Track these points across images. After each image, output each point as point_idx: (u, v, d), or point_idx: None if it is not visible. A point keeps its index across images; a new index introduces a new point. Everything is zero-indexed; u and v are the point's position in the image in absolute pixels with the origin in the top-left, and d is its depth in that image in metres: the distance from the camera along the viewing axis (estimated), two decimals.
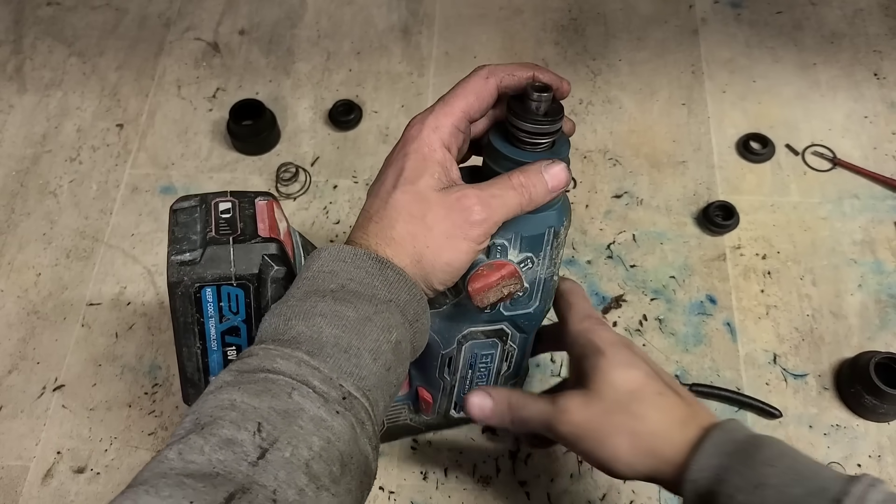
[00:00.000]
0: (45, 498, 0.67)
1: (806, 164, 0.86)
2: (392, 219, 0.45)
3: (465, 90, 0.47)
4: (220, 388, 0.39)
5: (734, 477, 0.42)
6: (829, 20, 0.98)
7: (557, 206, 0.51)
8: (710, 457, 0.43)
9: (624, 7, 1.00)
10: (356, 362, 0.40)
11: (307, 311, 0.41)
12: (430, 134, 0.46)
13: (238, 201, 0.52)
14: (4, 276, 0.79)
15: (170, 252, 0.48)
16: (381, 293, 0.43)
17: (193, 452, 0.35)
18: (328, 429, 0.38)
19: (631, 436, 0.46)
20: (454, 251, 0.45)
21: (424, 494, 0.67)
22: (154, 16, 1.00)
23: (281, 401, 0.37)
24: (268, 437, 0.36)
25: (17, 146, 0.89)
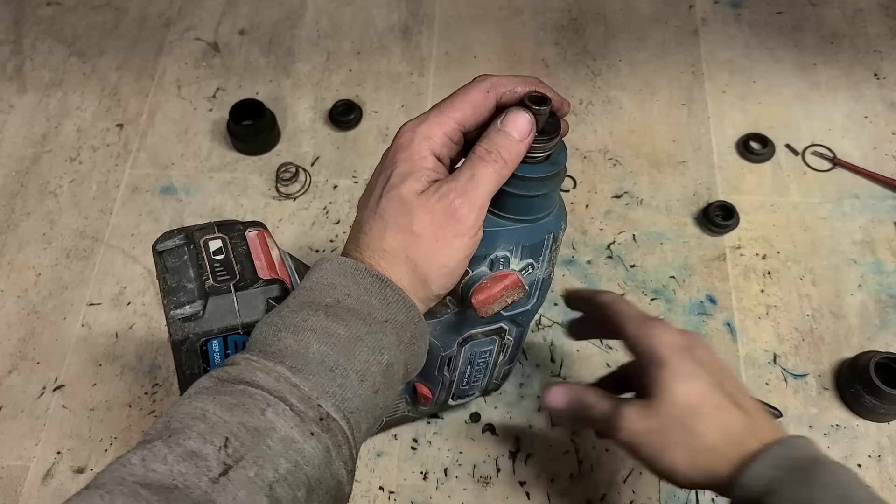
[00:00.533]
0: (45, 498, 0.67)
1: (806, 164, 0.86)
2: (381, 229, 0.44)
3: (462, 101, 0.46)
4: (197, 394, 0.38)
5: (785, 490, 0.42)
6: (829, 20, 0.98)
7: (556, 211, 0.51)
8: (765, 467, 0.43)
9: (624, 7, 1.00)
10: (340, 382, 0.39)
11: (297, 324, 0.40)
12: (421, 143, 0.45)
13: (228, 237, 0.50)
14: (4, 276, 0.79)
15: (167, 305, 0.46)
16: (377, 313, 0.42)
17: (156, 461, 0.34)
18: (298, 451, 0.36)
19: (688, 452, 0.46)
20: (447, 250, 0.44)
21: (424, 494, 0.67)
22: (154, 16, 1.00)
23: (253, 417, 0.36)
24: (234, 454, 0.35)
25: (17, 146, 0.89)
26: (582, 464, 0.68)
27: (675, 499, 0.67)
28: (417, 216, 0.43)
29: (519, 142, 0.45)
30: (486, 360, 0.60)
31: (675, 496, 0.67)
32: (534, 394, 0.72)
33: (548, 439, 0.70)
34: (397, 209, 0.44)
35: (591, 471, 0.68)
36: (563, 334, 0.75)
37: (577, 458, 0.69)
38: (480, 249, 0.48)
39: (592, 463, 0.69)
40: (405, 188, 0.44)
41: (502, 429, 0.70)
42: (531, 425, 0.70)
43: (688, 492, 0.67)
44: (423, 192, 0.44)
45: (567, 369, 0.73)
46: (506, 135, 0.44)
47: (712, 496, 0.67)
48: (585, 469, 0.68)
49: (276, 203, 0.84)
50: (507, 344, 0.59)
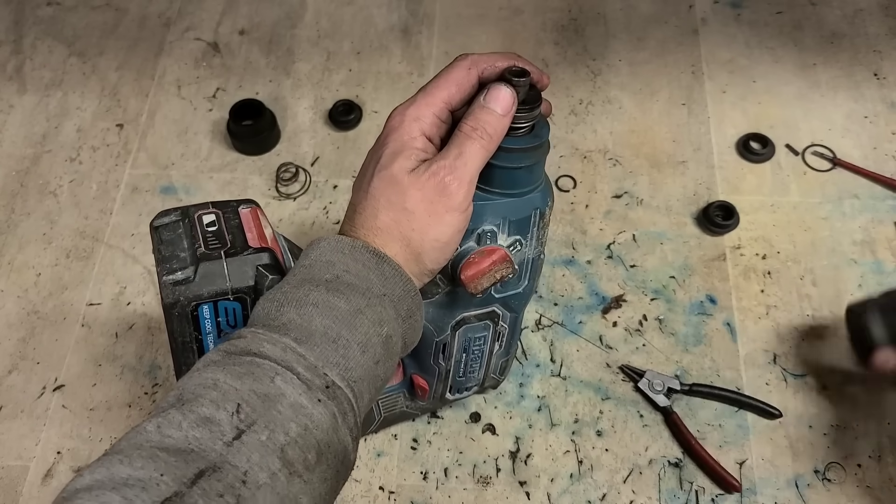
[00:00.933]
0: (45, 498, 0.67)
1: (806, 164, 0.86)
2: (374, 208, 0.46)
3: (446, 80, 0.47)
4: (206, 367, 0.39)
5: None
6: (829, 20, 0.98)
7: (541, 188, 0.52)
8: None
9: (624, 7, 1.00)
10: (344, 353, 0.41)
11: (300, 299, 0.42)
12: (411, 124, 0.46)
13: (221, 212, 0.51)
14: (4, 276, 0.79)
15: (160, 272, 0.47)
16: (375, 287, 0.44)
17: (171, 427, 0.35)
18: (307, 416, 0.38)
19: None
20: (440, 226, 0.45)
21: (424, 494, 0.67)
22: (154, 16, 1.00)
23: (263, 384, 0.38)
24: (246, 419, 0.36)
25: (17, 146, 0.89)
26: (582, 464, 0.68)
27: (674, 499, 0.67)
28: (409, 193, 0.45)
29: (502, 116, 0.46)
30: (481, 347, 0.60)
31: (675, 496, 0.67)
32: (534, 394, 0.72)
33: (548, 439, 0.70)
34: (388, 187, 0.45)
35: (591, 471, 0.68)
36: (562, 333, 0.75)
37: (577, 459, 0.69)
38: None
39: (592, 463, 0.69)
40: (396, 167, 0.45)
41: (502, 429, 0.70)
42: (531, 425, 0.70)
43: (687, 492, 0.67)
44: (413, 170, 0.45)
45: (567, 369, 0.73)
46: (489, 111, 0.46)
47: (712, 496, 0.67)
48: (585, 469, 0.68)
49: (277, 203, 0.84)
50: (502, 331, 0.59)
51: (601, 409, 0.71)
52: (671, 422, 0.70)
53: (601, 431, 0.70)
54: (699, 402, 0.72)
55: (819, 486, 0.67)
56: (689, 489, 0.67)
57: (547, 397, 0.72)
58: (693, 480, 0.68)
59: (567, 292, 0.78)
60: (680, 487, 0.67)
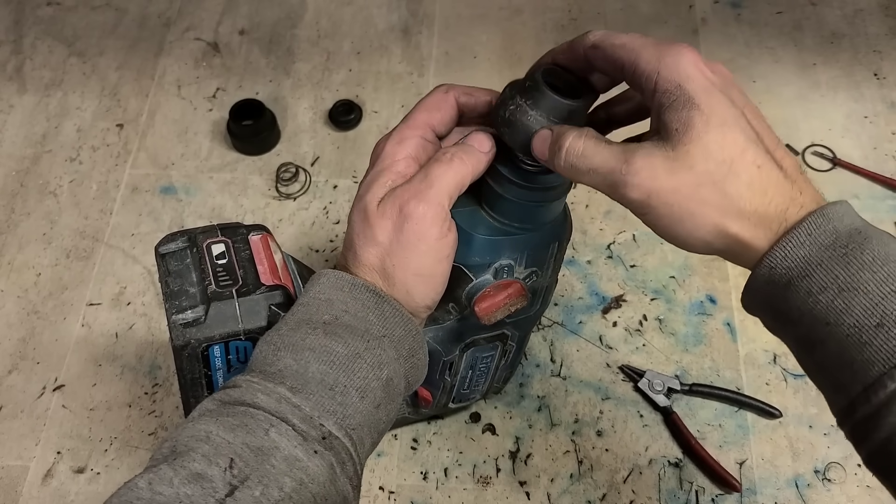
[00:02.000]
0: (45, 498, 0.67)
1: (806, 164, 0.86)
2: (355, 244, 0.44)
3: (424, 105, 0.46)
4: (200, 416, 0.38)
5: (821, 274, 0.36)
6: (829, 20, 0.98)
7: (561, 219, 0.50)
8: (799, 246, 0.37)
9: (624, 7, 1.00)
10: (341, 400, 0.39)
11: (296, 343, 0.40)
12: (394, 146, 0.45)
13: (231, 241, 0.50)
14: (4, 276, 0.79)
15: (169, 310, 0.46)
16: (374, 328, 0.42)
17: (163, 484, 0.34)
18: (302, 469, 0.37)
19: (719, 217, 0.38)
20: (415, 256, 0.43)
21: (424, 494, 0.67)
22: (154, 16, 1.00)
23: (256, 437, 0.36)
24: (239, 474, 0.35)
25: (17, 146, 0.89)
26: (582, 464, 0.68)
27: (674, 499, 0.67)
28: (377, 224, 0.43)
29: (478, 151, 0.45)
30: (488, 364, 0.60)
31: (675, 496, 0.67)
32: (534, 394, 0.72)
33: (548, 439, 0.70)
34: (361, 221, 0.44)
35: (591, 471, 0.68)
36: (562, 333, 0.75)
37: (577, 458, 0.69)
38: (485, 257, 0.48)
39: (592, 463, 0.69)
40: (368, 197, 0.44)
41: (502, 429, 0.70)
42: (531, 425, 0.70)
43: (687, 492, 0.67)
44: (380, 200, 0.44)
45: (567, 369, 0.73)
46: (465, 145, 0.45)
47: (712, 496, 0.67)
48: (585, 469, 0.68)
49: (277, 203, 0.84)
50: (509, 349, 0.59)
51: (601, 409, 0.71)
52: (671, 422, 0.70)
53: (601, 431, 0.70)
54: (699, 402, 0.72)
55: (819, 486, 0.67)
56: (689, 489, 0.67)
57: (547, 397, 0.72)
58: (693, 480, 0.68)
59: (567, 292, 0.78)
60: (680, 487, 0.67)
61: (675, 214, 0.38)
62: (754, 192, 0.38)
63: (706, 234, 0.39)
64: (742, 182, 0.37)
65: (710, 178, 0.37)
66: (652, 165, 0.38)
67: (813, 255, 0.36)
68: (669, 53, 0.38)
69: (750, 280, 0.39)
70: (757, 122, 0.39)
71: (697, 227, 0.39)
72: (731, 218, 0.38)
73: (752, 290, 0.40)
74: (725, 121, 0.38)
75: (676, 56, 0.38)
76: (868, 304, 0.34)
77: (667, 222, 0.39)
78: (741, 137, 0.38)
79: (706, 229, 0.38)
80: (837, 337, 0.35)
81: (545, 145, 0.42)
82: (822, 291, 0.36)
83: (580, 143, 0.40)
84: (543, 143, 0.42)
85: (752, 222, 0.38)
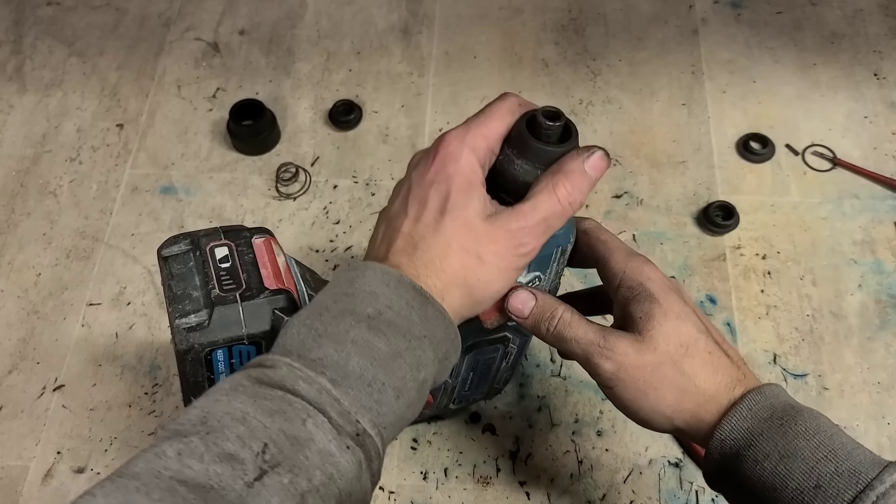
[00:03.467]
0: (45, 498, 0.67)
1: (806, 164, 0.86)
2: (443, 250, 0.43)
3: (501, 112, 0.45)
4: (234, 391, 0.37)
5: (764, 443, 0.42)
6: (829, 20, 0.98)
7: (567, 226, 0.50)
8: (743, 419, 0.43)
9: (624, 7, 1.00)
10: (378, 398, 0.39)
11: (340, 334, 0.40)
12: (470, 155, 0.44)
13: (234, 244, 0.49)
14: (4, 276, 0.79)
15: (172, 314, 0.46)
16: (416, 328, 0.42)
17: (193, 458, 0.34)
18: (334, 465, 0.37)
19: (678, 392, 0.45)
20: (504, 281, 0.45)
21: (424, 494, 0.67)
22: (154, 16, 1.00)
23: (294, 426, 0.36)
24: (271, 460, 0.35)
25: (17, 146, 0.89)
26: (582, 464, 0.68)
27: (675, 499, 0.67)
28: (484, 244, 0.43)
29: (593, 184, 0.45)
30: (489, 366, 0.60)
31: (675, 496, 0.67)
32: (534, 394, 0.72)
33: (548, 439, 0.70)
34: (463, 233, 0.43)
35: (591, 471, 0.68)
36: None
37: (577, 458, 0.69)
38: None
39: (592, 463, 0.69)
40: (471, 211, 0.43)
41: (502, 429, 0.70)
42: (531, 425, 0.71)
43: (687, 492, 0.67)
44: (488, 217, 0.44)
45: (567, 369, 0.73)
46: (588, 177, 0.44)
47: (712, 496, 0.67)
48: (585, 469, 0.68)
49: (276, 203, 0.84)
50: (511, 352, 0.59)
51: (601, 409, 0.71)
52: None
53: (601, 431, 0.70)
54: None
55: None
56: (689, 489, 0.67)
57: (547, 397, 0.72)
58: (693, 480, 0.68)
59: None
60: (680, 487, 0.67)
61: (640, 388, 0.45)
62: (707, 372, 0.45)
63: (666, 407, 0.45)
64: (696, 363, 0.45)
65: (670, 359, 0.45)
66: (623, 344, 0.46)
67: (755, 427, 0.43)
68: (635, 259, 0.49)
69: (706, 455, 0.45)
70: (704, 319, 0.48)
71: (659, 401, 0.45)
72: (688, 394, 0.45)
73: (710, 463, 0.45)
74: (680, 314, 0.46)
75: (641, 262, 0.48)
76: (806, 468, 0.40)
77: (633, 394, 0.46)
78: (694, 329, 0.46)
79: (666, 402, 0.45)
80: (784, 500, 0.41)
81: (525, 307, 0.48)
82: (765, 459, 0.42)
83: (569, 315, 0.48)
84: (523, 304, 0.48)
85: (705, 398, 0.45)
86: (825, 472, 0.40)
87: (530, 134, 0.44)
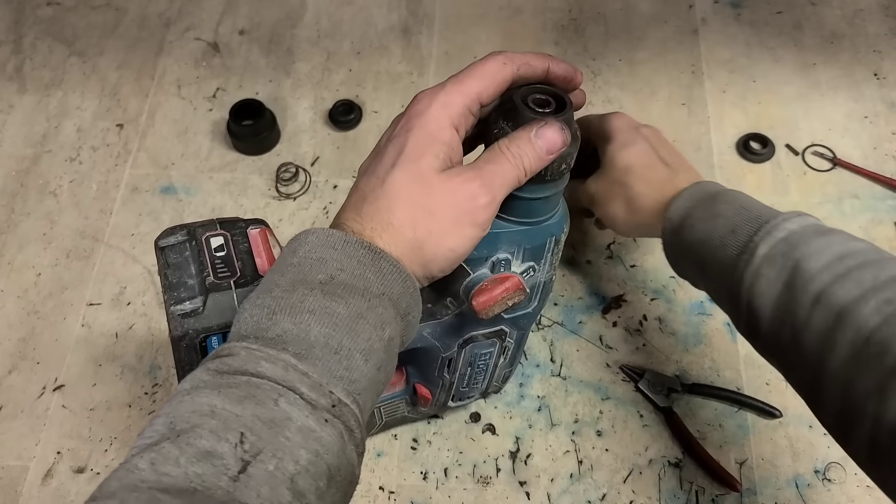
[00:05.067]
0: (45, 498, 0.67)
1: (806, 164, 0.86)
2: (390, 201, 0.42)
3: (480, 72, 0.44)
4: (196, 389, 0.36)
5: (697, 211, 0.56)
6: (829, 20, 0.98)
7: (559, 214, 0.51)
8: (684, 201, 0.57)
9: (624, 7, 1.00)
10: (347, 364, 0.37)
11: (293, 305, 0.38)
12: (439, 110, 0.43)
13: (230, 234, 0.49)
14: (4, 276, 0.79)
15: (167, 301, 0.46)
16: (373, 286, 0.40)
17: (168, 464, 0.32)
18: (317, 440, 0.35)
19: (624, 201, 0.62)
20: (459, 238, 0.43)
21: (424, 494, 0.67)
22: (154, 16, 1.00)
23: (267, 408, 0.34)
24: (251, 449, 0.33)
25: (17, 146, 0.89)
26: (582, 464, 0.68)
27: (674, 499, 0.67)
28: (436, 195, 0.42)
29: (546, 157, 0.44)
30: (487, 361, 0.60)
31: (675, 496, 0.67)
32: (534, 394, 0.72)
33: (548, 439, 0.70)
34: (412, 184, 0.42)
35: (591, 471, 0.68)
36: (562, 333, 0.75)
37: (577, 458, 0.69)
38: (482, 251, 0.48)
39: (592, 463, 0.69)
40: (424, 163, 0.42)
41: (502, 429, 0.70)
42: (531, 425, 0.70)
43: (687, 492, 0.67)
44: (444, 170, 0.42)
45: (567, 369, 0.73)
46: (536, 148, 0.44)
47: (712, 496, 0.67)
48: (585, 469, 0.68)
49: (276, 203, 0.84)
50: (508, 346, 0.59)
51: (601, 409, 0.71)
52: (671, 422, 0.70)
53: (601, 431, 0.70)
54: (699, 402, 0.72)
55: (819, 486, 0.67)
56: (689, 489, 0.67)
57: (547, 397, 0.72)
58: (693, 480, 0.68)
59: (567, 292, 0.78)
60: (680, 487, 0.67)
61: (603, 203, 0.65)
62: (644, 181, 0.61)
63: (622, 213, 0.63)
64: (636, 177, 0.62)
65: (617, 179, 0.63)
66: (592, 179, 0.66)
67: (692, 204, 0.57)
68: (605, 116, 0.66)
69: (662, 236, 0.59)
70: (658, 142, 0.64)
71: (617, 211, 0.63)
72: (632, 200, 0.62)
73: (665, 243, 0.59)
74: (628, 143, 0.63)
75: (608, 116, 0.66)
76: (725, 222, 0.53)
77: (600, 210, 0.66)
78: (637, 150, 0.63)
79: (621, 210, 0.63)
80: (712, 247, 0.53)
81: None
82: (699, 222, 0.55)
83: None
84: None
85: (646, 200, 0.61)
86: (739, 221, 0.52)
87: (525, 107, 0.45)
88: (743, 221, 0.52)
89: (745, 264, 0.50)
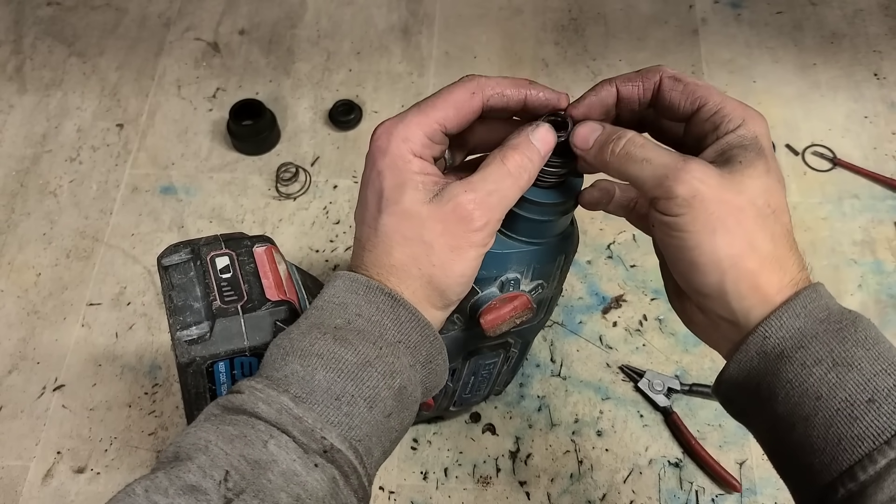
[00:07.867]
0: (45, 498, 0.67)
1: (806, 164, 0.86)
2: (386, 245, 0.42)
3: (445, 101, 0.43)
4: (205, 421, 0.37)
5: (817, 346, 0.37)
6: (829, 20, 0.98)
7: (568, 233, 0.50)
8: (796, 316, 0.38)
9: (624, 7, 1.00)
10: (347, 411, 0.38)
11: (304, 348, 0.39)
12: (400, 145, 0.42)
13: (235, 254, 0.49)
14: (4, 276, 0.79)
15: (173, 325, 0.45)
16: (389, 333, 0.41)
17: (158, 493, 0.34)
18: (300, 484, 0.36)
19: (748, 245, 0.38)
20: (463, 261, 0.42)
21: (424, 494, 0.67)
22: (154, 16, 1.00)
23: (255, 449, 0.36)
24: (234, 487, 0.34)
25: (17, 146, 0.89)
26: (582, 464, 0.68)
27: (674, 499, 0.67)
28: (427, 225, 0.41)
29: (543, 158, 0.44)
30: (491, 371, 0.60)
31: (675, 496, 0.67)
32: (534, 394, 0.72)
33: (548, 439, 0.70)
34: (402, 223, 0.42)
35: (591, 471, 0.68)
36: (562, 333, 0.75)
37: (577, 459, 0.69)
38: (491, 271, 0.48)
39: (592, 463, 0.69)
40: (406, 200, 0.41)
41: (502, 429, 0.70)
42: (531, 425, 0.71)
43: (687, 492, 0.67)
44: (430, 200, 0.42)
45: (567, 369, 0.73)
46: (536, 150, 0.43)
47: (712, 496, 0.67)
48: (585, 469, 0.68)
49: (276, 203, 0.84)
50: (512, 356, 0.59)
51: (601, 409, 0.71)
52: (671, 422, 0.70)
53: (601, 431, 0.70)
54: (699, 402, 0.72)
55: None
56: (689, 489, 0.67)
57: (547, 397, 0.72)
58: (693, 480, 0.68)
59: (567, 292, 0.78)
60: (680, 487, 0.67)
61: (710, 222, 0.38)
62: (782, 246, 0.39)
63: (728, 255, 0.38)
64: (778, 229, 0.39)
65: (755, 208, 0.38)
66: (707, 173, 0.38)
67: (808, 327, 0.37)
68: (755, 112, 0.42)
69: (740, 353, 0.39)
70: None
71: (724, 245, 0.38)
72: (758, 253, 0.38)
73: (740, 363, 0.39)
74: (780, 180, 0.40)
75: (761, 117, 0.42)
76: (861, 379, 0.35)
77: (700, 227, 0.38)
78: (782, 199, 0.40)
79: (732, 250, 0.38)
80: (827, 411, 0.36)
81: (593, 135, 0.43)
82: (816, 364, 0.36)
83: (640, 137, 0.42)
84: (591, 132, 0.44)
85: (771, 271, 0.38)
86: (882, 387, 0.35)
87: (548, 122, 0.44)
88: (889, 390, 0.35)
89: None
